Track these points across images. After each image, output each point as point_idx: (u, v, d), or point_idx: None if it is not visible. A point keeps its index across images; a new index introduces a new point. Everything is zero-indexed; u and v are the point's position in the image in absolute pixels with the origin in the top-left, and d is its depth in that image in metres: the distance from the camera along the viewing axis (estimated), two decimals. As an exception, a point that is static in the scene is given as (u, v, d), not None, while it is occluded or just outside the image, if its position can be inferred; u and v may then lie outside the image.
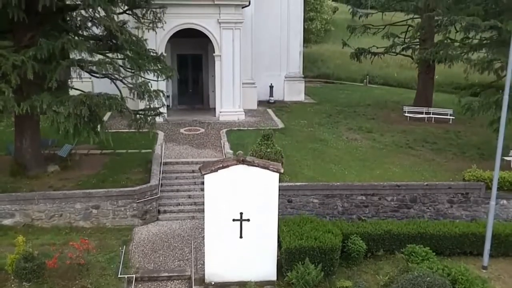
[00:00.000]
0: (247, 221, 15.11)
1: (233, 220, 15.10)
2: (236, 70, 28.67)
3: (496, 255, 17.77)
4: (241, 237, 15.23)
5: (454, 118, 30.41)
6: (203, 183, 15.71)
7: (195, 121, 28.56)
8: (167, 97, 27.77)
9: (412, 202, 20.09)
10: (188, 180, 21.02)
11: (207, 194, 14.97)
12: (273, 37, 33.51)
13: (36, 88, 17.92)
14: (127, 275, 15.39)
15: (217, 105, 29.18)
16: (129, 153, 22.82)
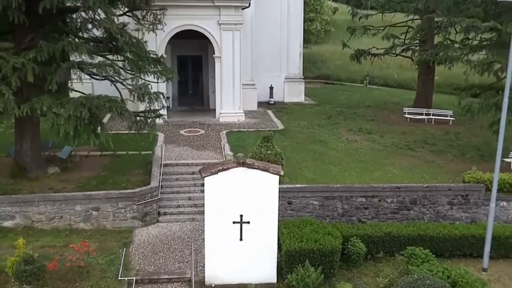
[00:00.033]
0: (247, 223, 15.15)
1: (233, 222, 15.13)
2: (236, 71, 28.67)
3: (496, 257, 17.79)
4: (241, 239, 15.26)
5: (454, 119, 30.41)
6: (203, 184, 15.76)
7: (195, 123, 28.55)
8: (167, 98, 27.78)
9: (412, 204, 20.10)
10: (188, 181, 21.02)
11: (207, 197, 15.01)
12: (273, 38, 33.52)
13: (36, 90, 17.92)
14: (127, 277, 15.41)
15: (217, 106, 29.18)
16: (129, 154, 22.85)
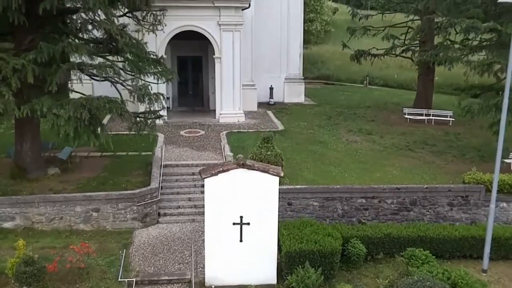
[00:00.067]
0: (247, 224, 15.15)
1: (233, 223, 15.14)
2: (236, 72, 28.67)
3: (496, 258, 17.78)
4: (241, 240, 15.27)
5: (454, 120, 30.40)
6: (203, 185, 15.78)
7: (195, 123, 28.55)
8: (167, 99, 27.79)
9: (412, 205, 20.10)
10: (188, 182, 21.02)
11: (207, 198, 15.01)
12: (273, 38, 33.55)
13: (37, 92, 17.91)
14: (127, 278, 15.41)
15: (217, 107, 29.18)
16: (129, 155, 22.85)
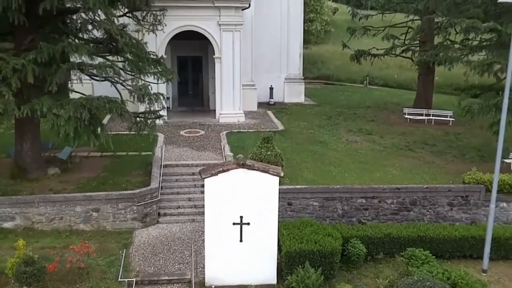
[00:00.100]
0: (247, 224, 15.16)
1: (233, 223, 15.14)
2: (236, 72, 28.67)
3: (496, 258, 17.78)
4: (241, 240, 15.27)
5: (454, 119, 30.40)
6: (203, 185, 15.78)
7: (195, 123, 28.55)
8: (167, 99, 27.78)
9: (412, 205, 20.10)
10: (188, 182, 21.02)
11: (207, 198, 15.01)
12: (273, 38, 33.56)
13: (37, 92, 17.91)
14: (127, 278, 15.41)
15: (217, 107, 29.18)
16: (129, 155, 22.85)
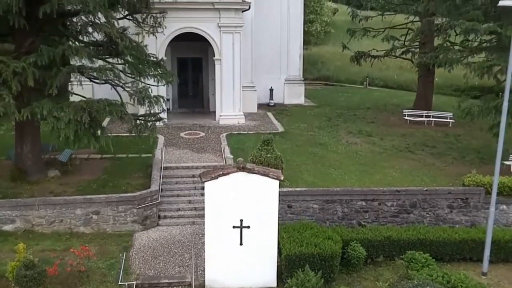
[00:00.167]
0: (247, 228, 15.17)
1: (233, 227, 15.16)
2: (236, 74, 28.67)
3: (496, 261, 17.79)
4: (241, 244, 15.28)
5: (454, 121, 30.42)
6: (203, 188, 15.76)
7: (195, 125, 28.55)
8: (167, 100, 27.78)
9: (412, 207, 20.11)
10: (188, 185, 21.02)
11: (208, 201, 15.03)
12: (273, 40, 33.55)
13: (37, 95, 17.93)
14: (127, 281, 15.43)
15: (217, 108, 29.18)
16: (129, 157, 22.86)
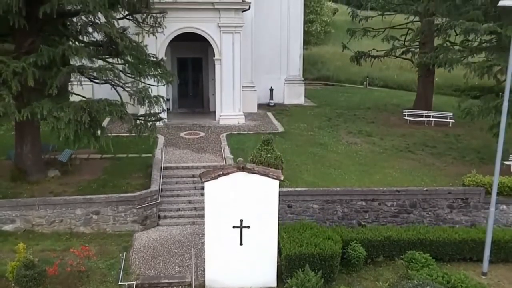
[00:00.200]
0: (247, 228, 15.17)
1: (233, 227, 15.16)
2: (236, 74, 28.67)
3: (496, 261, 17.79)
4: (241, 244, 15.28)
5: (454, 121, 30.42)
6: (203, 188, 15.76)
7: (195, 125, 28.55)
8: (167, 100, 27.78)
9: (412, 207, 20.11)
10: (188, 185, 21.02)
11: (208, 201, 15.03)
12: (273, 40, 33.56)
13: (37, 95, 17.93)
14: (127, 281, 15.43)
15: (217, 108, 29.18)
16: (129, 157, 22.85)
